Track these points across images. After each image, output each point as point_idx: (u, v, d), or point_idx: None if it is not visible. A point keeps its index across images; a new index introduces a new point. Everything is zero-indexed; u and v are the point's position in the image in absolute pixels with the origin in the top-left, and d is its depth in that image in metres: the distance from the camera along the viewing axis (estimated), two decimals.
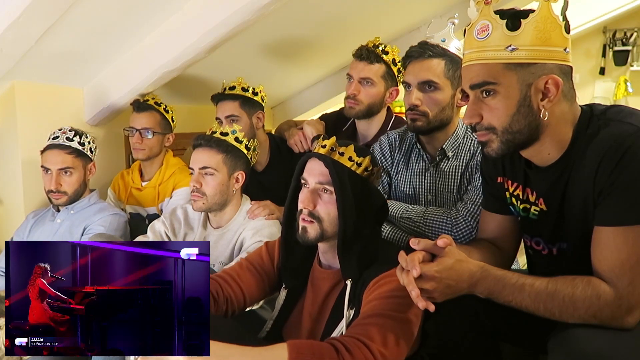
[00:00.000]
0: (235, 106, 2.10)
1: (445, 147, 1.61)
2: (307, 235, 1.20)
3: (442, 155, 1.62)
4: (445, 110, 1.56)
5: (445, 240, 1.01)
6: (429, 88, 1.55)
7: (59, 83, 2.20)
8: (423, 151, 1.67)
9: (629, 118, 1.00)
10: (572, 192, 1.06)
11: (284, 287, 1.33)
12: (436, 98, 1.55)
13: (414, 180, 1.68)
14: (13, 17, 1.56)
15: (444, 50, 1.54)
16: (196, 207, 1.73)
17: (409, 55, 1.59)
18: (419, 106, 1.55)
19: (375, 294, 1.11)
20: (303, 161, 1.25)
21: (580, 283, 0.97)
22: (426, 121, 1.56)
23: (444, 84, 1.54)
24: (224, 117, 2.11)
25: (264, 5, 1.72)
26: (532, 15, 0.98)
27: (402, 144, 1.74)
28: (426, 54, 1.54)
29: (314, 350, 0.99)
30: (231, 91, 2.12)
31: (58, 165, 1.90)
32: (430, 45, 1.54)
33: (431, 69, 1.54)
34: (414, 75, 1.56)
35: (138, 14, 1.87)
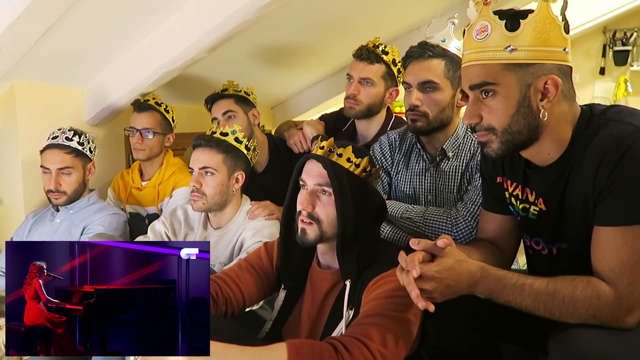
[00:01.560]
0: (231, 102, 2.15)
1: (446, 147, 1.61)
2: (306, 237, 1.20)
3: (443, 155, 1.62)
4: (446, 110, 1.56)
5: (445, 240, 1.01)
6: (429, 88, 1.55)
7: (59, 83, 2.20)
8: (423, 151, 1.67)
9: (629, 118, 1.00)
10: (572, 192, 1.06)
11: (283, 287, 1.33)
12: (436, 98, 1.55)
13: (414, 180, 1.68)
14: (13, 17, 1.56)
15: (444, 50, 1.54)
16: (196, 207, 1.73)
17: (409, 55, 1.58)
18: (419, 106, 1.55)
19: (374, 294, 1.11)
20: (301, 162, 1.24)
21: (580, 283, 0.97)
22: (426, 122, 1.56)
23: (444, 84, 1.54)
24: (221, 114, 2.14)
25: (264, 6, 1.72)
26: (531, 16, 0.98)
27: (402, 144, 1.74)
28: (426, 54, 1.54)
29: (313, 350, 0.99)
30: (224, 92, 2.18)
31: (57, 165, 1.90)
32: (430, 45, 1.54)
33: (431, 69, 1.54)
34: (414, 75, 1.56)
35: (138, 14, 1.87)
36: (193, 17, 1.88)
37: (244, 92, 2.19)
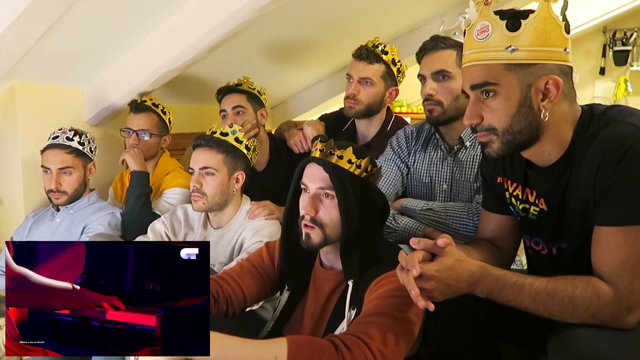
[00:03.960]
0: (243, 98, 2.15)
1: (463, 135, 1.64)
2: (311, 242, 1.20)
3: (460, 144, 1.65)
4: (460, 98, 1.59)
5: (445, 239, 1.01)
6: (443, 78, 1.61)
7: (59, 83, 2.20)
8: (442, 141, 1.70)
9: (630, 118, 1.00)
10: (573, 192, 1.06)
11: (287, 288, 1.33)
12: (450, 87, 1.60)
13: (432, 168, 1.72)
14: (13, 17, 1.56)
15: (456, 42, 1.60)
16: (196, 207, 1.73)
17: (422, 49, 1.65)
18: (433, 95, 1.61)
19: (376, 294, 1.11)
20: (302, 166, 1.24)
21: (580, 283, 0.97)
22: (442, 110, 1.61)
23: (456, 73, 1.59)
24: (231, 109, 2.14)
25: (264, 5, 1.72)
26: (532, 16, 0.98)
27: (420, 136, 1.78)
28: (438, 46, 1.61)
29: (313, 346, 0.99)
30: (238, 86, 2.19)
31: (58, 165, 1.90)
32: (441, 37, 1.61)
33: (443, 59, 1.60)
34: (427, 67, 1.62)
35: (138, 14, 1.87)
36: (193, 17, 1.88)
37: (257, 91, 2.20)
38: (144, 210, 2.01)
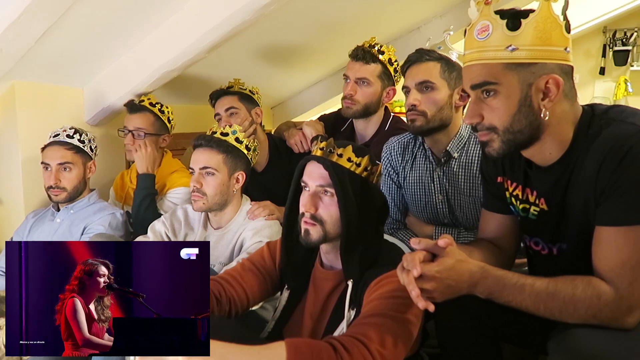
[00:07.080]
0: (234, 99, 2.16)
1: (450, 148, 1.66)
2: (310, 238, 1.20)
3: (448, 157, 1.67)
4: (444, 109, 1.62)
5: (446, 240, 1.01)
6: (426, 89, 1.62)
7: (59, 83, 2.20)
8: (430, 152, 1.72)
9: (631, 118, 1.00)
10: (573, 192, 1.06)
11: (287, 287, 1.33)
12: (433, 98, 1.61)
13: (424, 179, 1.73)
14: (13, 17, 1.56)
15: (440, 54, 1.62)
16: (196, 207, 1.73)
17: (407, 61, 1.67)
18: (417, 106, 1.62)
19: (376, 294, 1.10)
20: (302, 164, 1.24)
21: (580, 283, 0.97)
22: (425, 120, 1.62)
23: (440, 84, 1.61)
24: (224, 111, 2.15)
25: (264, 6, 1.72)
26: (532, 15, 0.98)
27: (406, 150, 1.79)
28: (423, 58, 1.63)
29: (312, 349, 0.98)
30: (229, 89, 2.20)
31: (57, 160, 1.90)
32: (426, 50, 1.63)
33: (427, 70, 1.62)
34: (412, 77, 1.64)
35: (138, 14, 1.87)
36: (193, 17, 1.88)
37: (248, 91, 2.21)
38: (149, 212, 2.03)
